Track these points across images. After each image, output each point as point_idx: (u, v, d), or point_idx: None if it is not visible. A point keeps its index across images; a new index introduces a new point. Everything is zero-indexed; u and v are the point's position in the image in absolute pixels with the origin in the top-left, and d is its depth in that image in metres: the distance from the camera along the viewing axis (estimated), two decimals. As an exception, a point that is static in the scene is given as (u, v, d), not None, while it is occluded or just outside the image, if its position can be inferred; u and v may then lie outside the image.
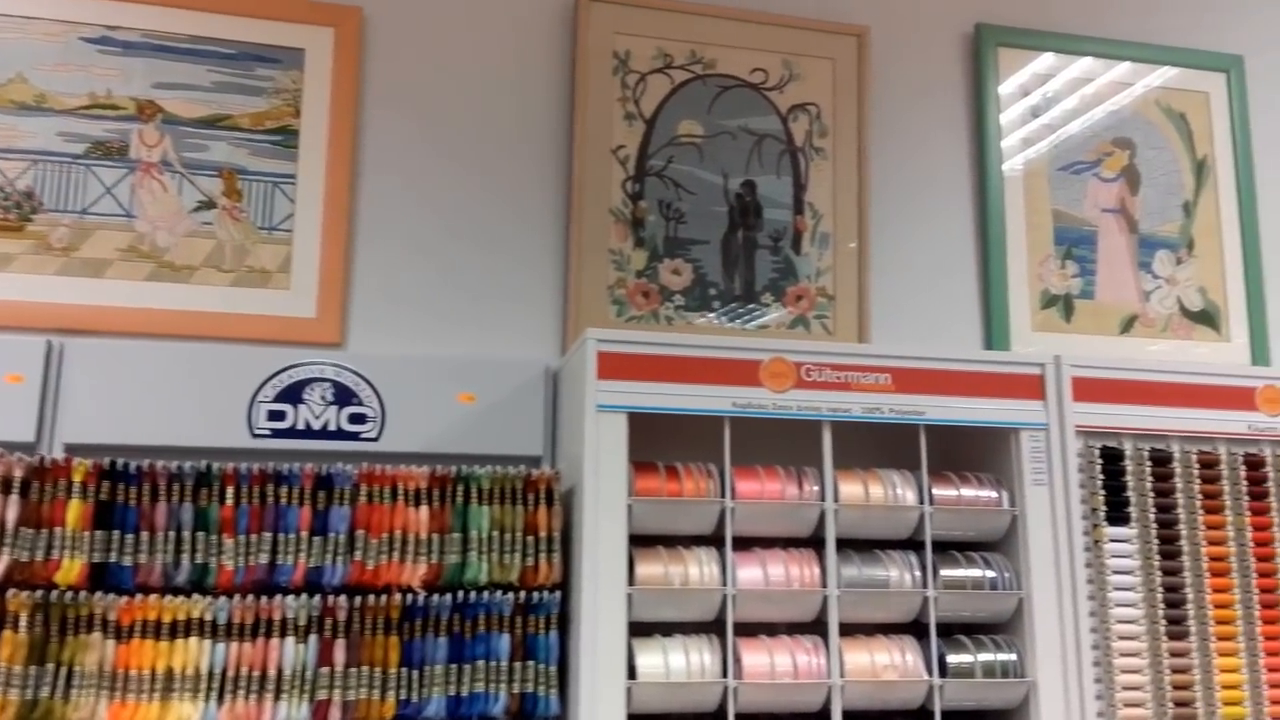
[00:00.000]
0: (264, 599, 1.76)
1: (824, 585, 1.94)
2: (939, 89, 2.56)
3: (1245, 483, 2.13)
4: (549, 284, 2.28)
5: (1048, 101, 2.60)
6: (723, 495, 1.94)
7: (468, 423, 2.10)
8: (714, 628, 1.90)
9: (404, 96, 2.28)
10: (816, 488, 1.98)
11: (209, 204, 2.15)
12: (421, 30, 2.32)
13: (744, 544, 1.96)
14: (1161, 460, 2.11)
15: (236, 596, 1.75)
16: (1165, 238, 2.61)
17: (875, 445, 2.06)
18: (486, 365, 2.14)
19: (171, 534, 1.75)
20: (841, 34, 2.49)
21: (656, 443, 1.96)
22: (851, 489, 2.00)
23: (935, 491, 2.03)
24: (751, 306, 2.34)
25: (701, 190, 2.36)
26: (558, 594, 1.87)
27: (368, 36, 2.28)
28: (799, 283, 2.37)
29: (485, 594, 1.84)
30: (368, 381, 2.06)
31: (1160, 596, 2.04)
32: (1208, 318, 2.59)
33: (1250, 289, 2.61)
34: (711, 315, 2.32)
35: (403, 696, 1.79)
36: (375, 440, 2.05)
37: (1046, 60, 2.61)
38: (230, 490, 1.78)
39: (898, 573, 1.98)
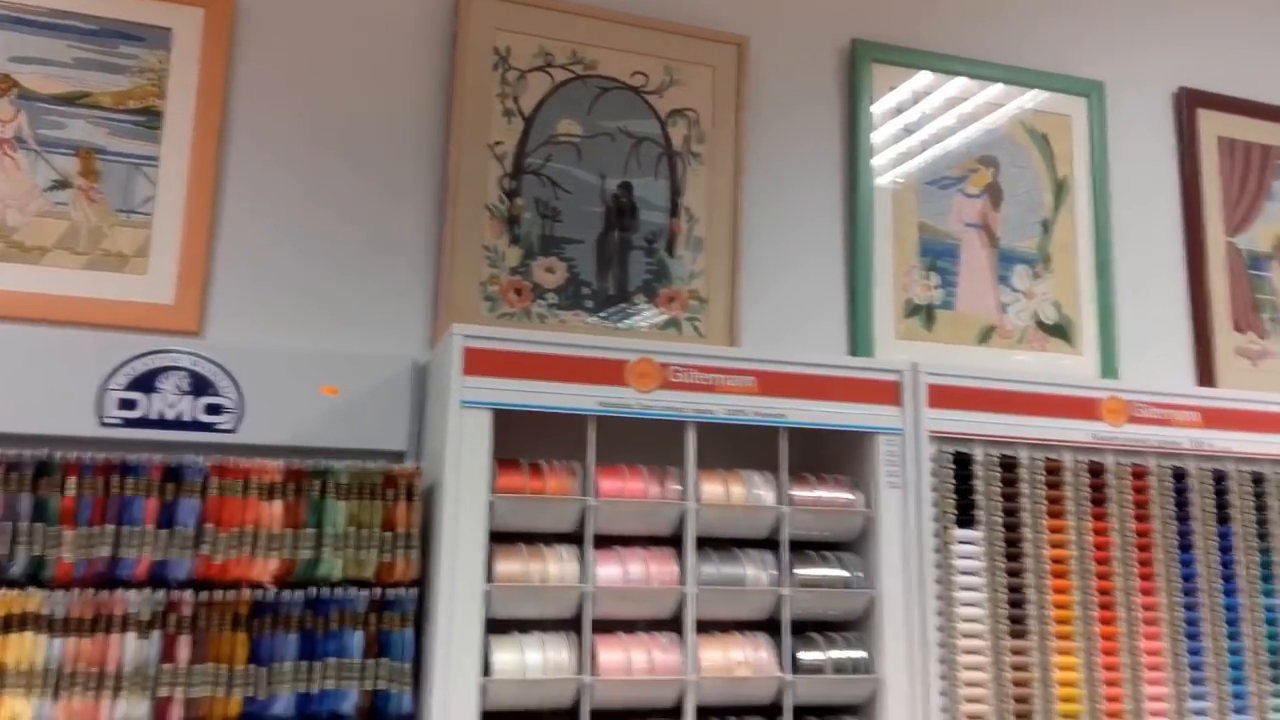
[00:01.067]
0: (105, 593, 1.70)
1: (682, 583, 1.97)
2: (815, 101, 2.62)
3: (1087, 489, 2.23)
4: (421, 278, 2.26)
5: (918, 117, 2.68)
6: (585, 494, 1.95)
7: (331, 416, 2.07)
8: (574, 625, 1.91)
9: (276, 83, 2.24)
10: (679, 487, 2.01)
11: (64, 184, 2.08)
12: (297, 16, 2.28)
13: (606, 542, 1.98)
14: (1009, 466, 2.19)
15: (76, 590, 1.69)
16: (1024, 253, 2.71)
17: (740, 447, 2.10)
18: (352, 358, 2.11)
19: (8, 524, 1.68)
20: (722, 42, 2.52)
21: (523, 440, 1.96)
22: (713, 489, 2.03)
23: (794, 493, 2.08)
24: (624, 307, 2.36)
25: (578, 190, 2.37)
26: (414, 591, 1.86)
27: (240, 19, 2.23)
28: (672, 285, 2.40)
29: (338, 590, 1.81)
30: (226, 372, 2.02)
31: (1004, 597, 2.12)
32: (1061, 331, 2.70)
33: (1102, 305, 2.73)
34: (584, 314, 2.33)
35: (249, 694, 1.75)
36: (233, 432, 2.00)
37: (919, 78, 2.70)
38: (72, 480, 1.72)
39: (754, 571, 2.02)
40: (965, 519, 2.14)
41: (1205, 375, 2.80)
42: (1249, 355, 2.87)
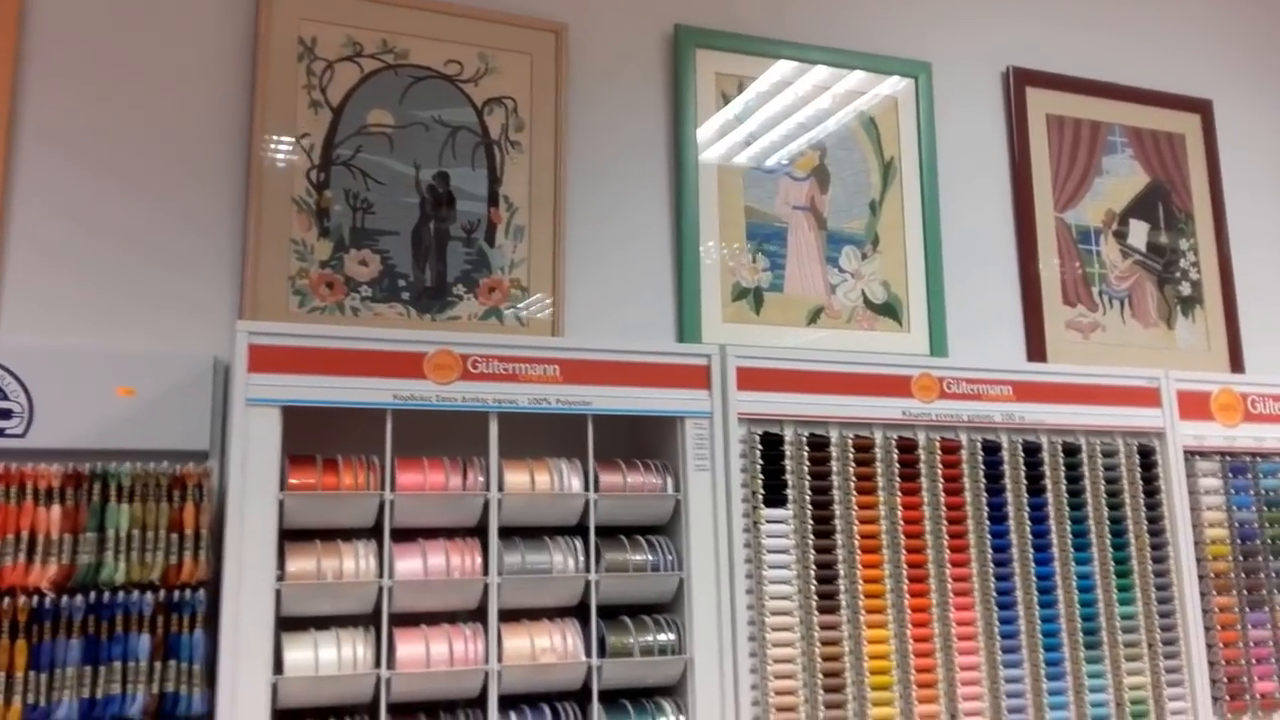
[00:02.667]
0: None
1: (486, 573, 1.97)
2: (638, 88, 2.63)
3: (898, 465, 2.27)
4: (227, 275, 2.22)
5: (743, 102, 2.69)
6: (382, 488, 1.94)
7: (128, 418, 2.03)
8: (376, 620, 1.90)
9: (69, 71, 2.18)
10: (483, 478, 2.01)
11: None
12: (91, 3, 2.22)
13: (411, 536, 1.98)
14: (819, 445, 2.22)
15: None
16: (852, 234, 2.75)
17: (555, 436, 2.10)
18: (151, 358, 2.07)
19: None
20: (539, 30, 2.52)
21: (328, 437, 1.95)
22: (517, 478, 2.03)
23: (602, 479, 2.09)
24: (444, 299, 2.35)
25: (392, 181, 2.35)
26: (200, 592, 1.83)
27: (29, 5, 2.17)
28: (492, 275, 2.40)
29: (122, 594, 1.79)
30: (13, 374, 1.97)
31: (814, 574, 2.15)
32: (890, 310, 2.74)
33: (930, 283, 2.78)
34: (400, 307, 2.31)
35: (30, 701, 1.72)
36: (21, 436, 1.95)
37: (744, 62, 2.71)
38: None
39: (562, 558, 2.03)
40: (775, 499, 2.17)
41: (1036, 350, 2.87)
42: (1080, 328, 2.94)
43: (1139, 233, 3.08)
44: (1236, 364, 3.08)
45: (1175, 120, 3.20)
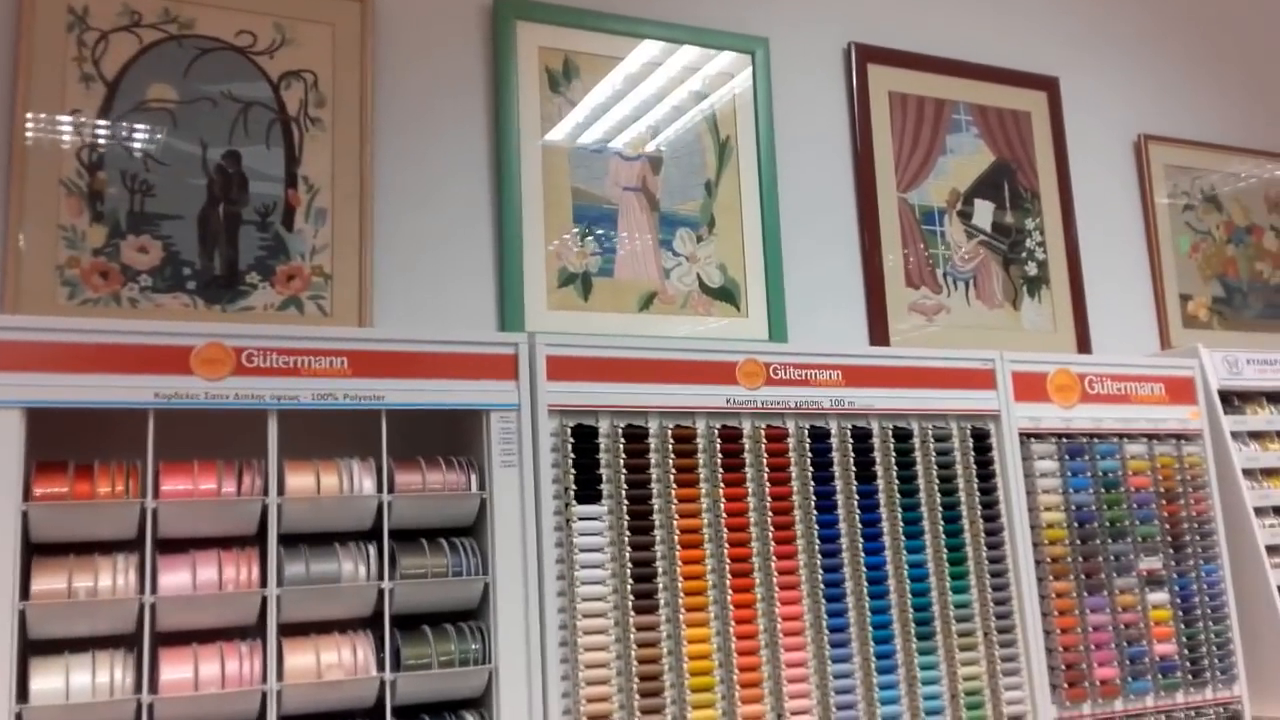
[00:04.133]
0: None
1: (264, 585, 1.81)
2: (455, 62, 2.48)
3: (721, 455, 2.17)
4: (-14, 264, 2.02)
5: (569, 78, 2.57)
6: (143, 495, 1.77)
7: None
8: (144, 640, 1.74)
9: None
10: (262, 481, 1.85)
11: None
12: None
13: (182, 546, 1.81)
14: (636, 437, 2.11)
15: None
16: (686, 216, 2.64)
17: (349, 434, 1.95)
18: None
19: None
20: (342, -1, 2.35)
21: (86, 443, 1.77)
22: (301, 481, 1.88)
23: (399, 478, 1.95)
24: (235, 288, 2.18)
25: (175, 161, 2.17)
26: (-68, 617, 1.64)
27: None
28: (291, 261, 2.23)
29: None
30: None
31: (630, 572, 2.04)
32: (727, 294, 2.65)
33: (769, 266, 2.69)
34: (185, 297, 2.14)
35: None
36: None
37: (569, 36, 2.58)
38: None
39: (352, 566, 1.88)
40: (588, 494, 2.05)
41: (879, 333, 2.80)
42: (923, 310, 2.89)
43: (984, 212, 3.04)
44: (1084, 344, 3.07)
45: (1021, 98, 3.16)
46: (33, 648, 1.69)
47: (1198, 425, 2.68)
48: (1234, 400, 2.80)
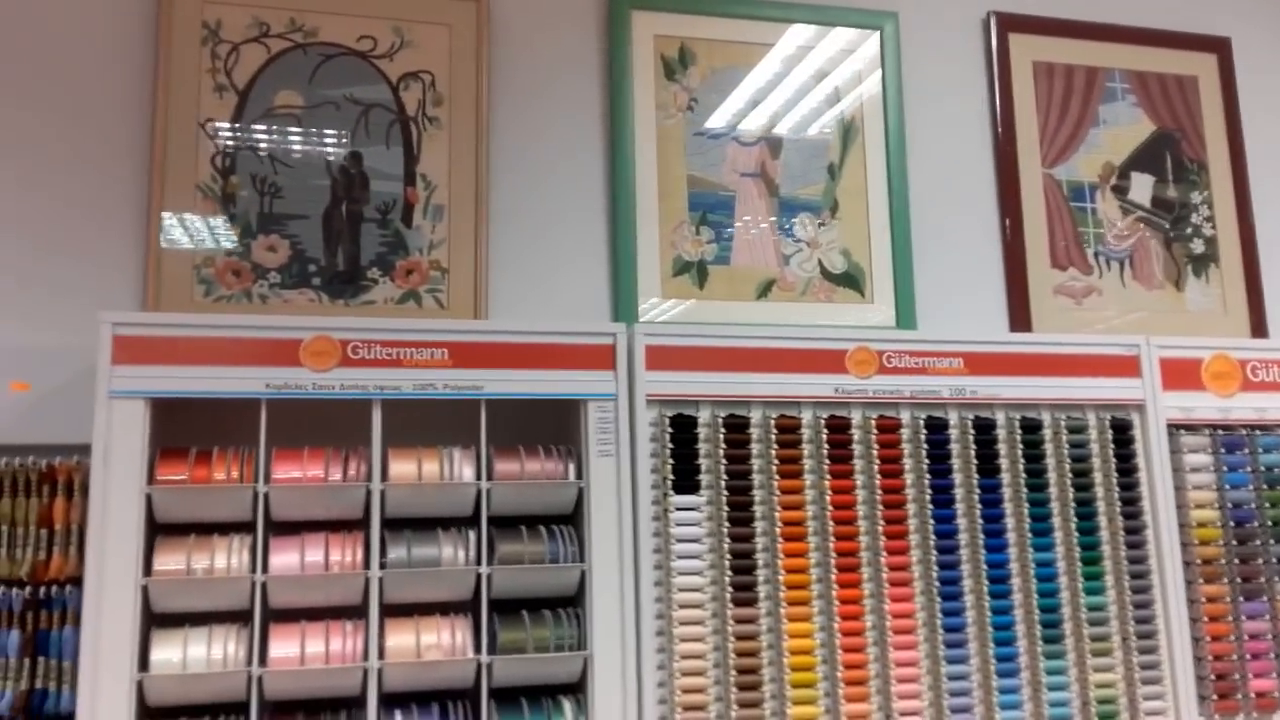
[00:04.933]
0: None
1: (367, 567, 1.89)
2: (569, 55, 2.51)
3: (827, 446, 2.11)
4: (133, 265, 2.19)
5: (686, 65, 2.55)
6: (256, 480, 1.88)
7: (24, 412, 2.01)
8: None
9: (-28, 72, 2.18)
10: (367, 467, 1.93)
11: None
12: (-5, 2, 2.21)
13: (294, 529, 1.91)
14: (738, 427, 2.08)
15: None
16: (807, 200, 2.58)
17: (451, 422, 2.01)
18: (43, 352, 2.05)
19: None
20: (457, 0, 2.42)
21: (208, 430, 1.90)
22: (404, 468, 1.95)
23: (498, 466, 1.99)
24: (358, 283, 2.28)
25: (301, 163, 2.28)
26: (69, 589, 1.80)
27: (-70, 9, 2.17)
28: (410, 256, 2.31)
29: (-13, 591, 1.77)
30: (-97, 373, 1.97)
31: (729, 563, 2.02)
32: (851, 280, 2.57)
33: (897, 251, 2.59)
34: (311, 292, 2.25)
35: (-108, 699, 1.71)
36: (-87, 434, 1.96)
37: (685, 22, 2.56)
38: None
39: (451, 551, 1.94)
40: (686, 484, 2.04)
41: (1020, 319, 2.65)
42: (1071, 293, 2.71)
43: (1143, 186, 2.82)
44: (1259, 328, 2.81)
45: (1186, 61, 2.92)
46: (155, 621, 1.82)
47: (1386, 416, 2.41)
48: None
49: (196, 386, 1.86)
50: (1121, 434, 2.26)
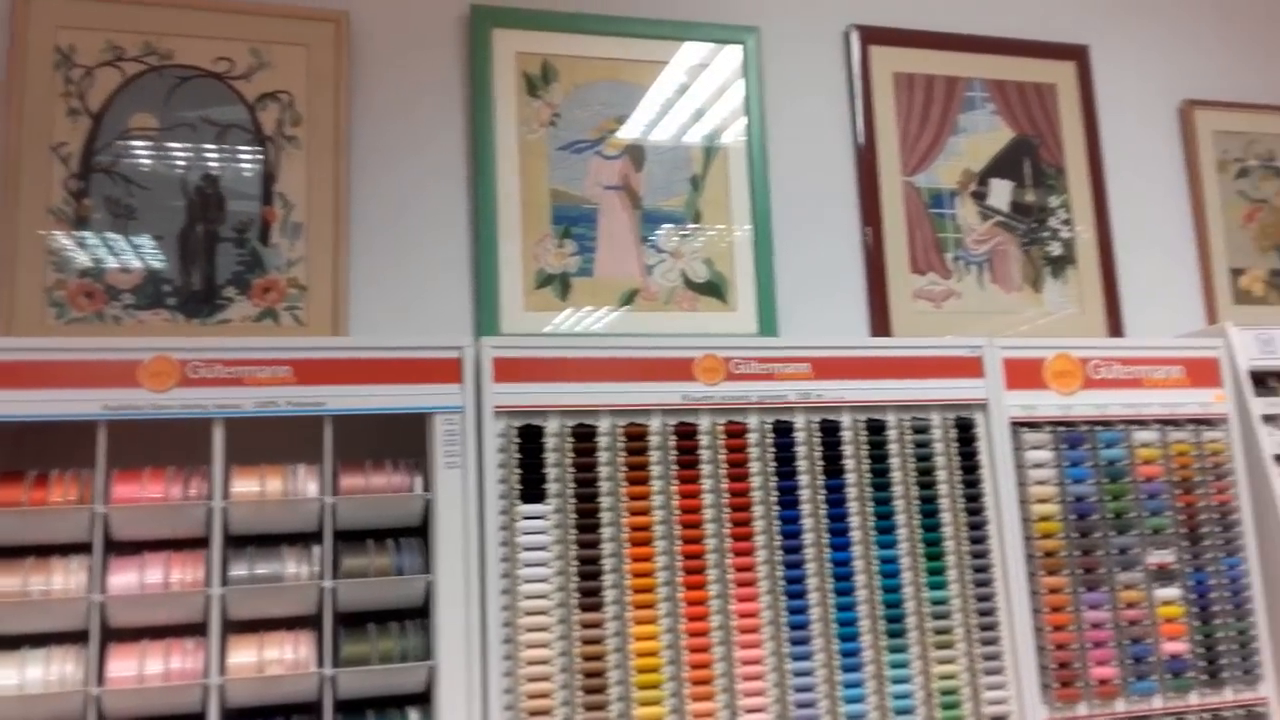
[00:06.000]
0: None
1: (208, 585, 1.92)
2: (430, 73, 2.55)
3: (675, 452, 2.17)
4: (-16, 290, 2.20)
5: (548, 81, 2.60)
6: (93, 501, 1.90)
7: None
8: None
9: None
10: (209, 486, 1.96)
11: None
12: None
13: (135, 549, 1.93)
14: (585, 436, 2.13)
15: None
16: (670, 211, 2.64)
17: (306, 439, 2.03)
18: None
19: None
20: (316, 20, 2.45)
21: (47, 455, 1.92)
22: (247, 485, 1.98)
23: (344, 481, 2.03)
24: (213, 302, 2.30)
25: (156, 185, 2.30)
26: (-97, 614, 1.81)
27: None
28: (267, 274, 2.34)
29: None
30: None
31: (575, 570, 2.06)
32: (714, 289, 2.63)
33: (759, 259, 2.65)
34: (166, 313, 2.27)
35: None
36: None
37: (548, 40, 2.61)
38: None
39: (295, 567, 1.97)
40: (534, 494, 2.08)
41: (880, 323, 2.73)
42: (931, 297, 2.79)
43: (1001, 192, 2.91)
44: (1115, 327, 2.91)
45: (1045, 70, 3.02)
46: (-5, 644, 1.83)
47: (1223, 409, 2.50)
48: (1269, 382, 2.60)
49: (34, 410, 1.88)
50: (965, 433, 2.33)
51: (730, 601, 2.13)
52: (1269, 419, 2.54)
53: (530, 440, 2.10)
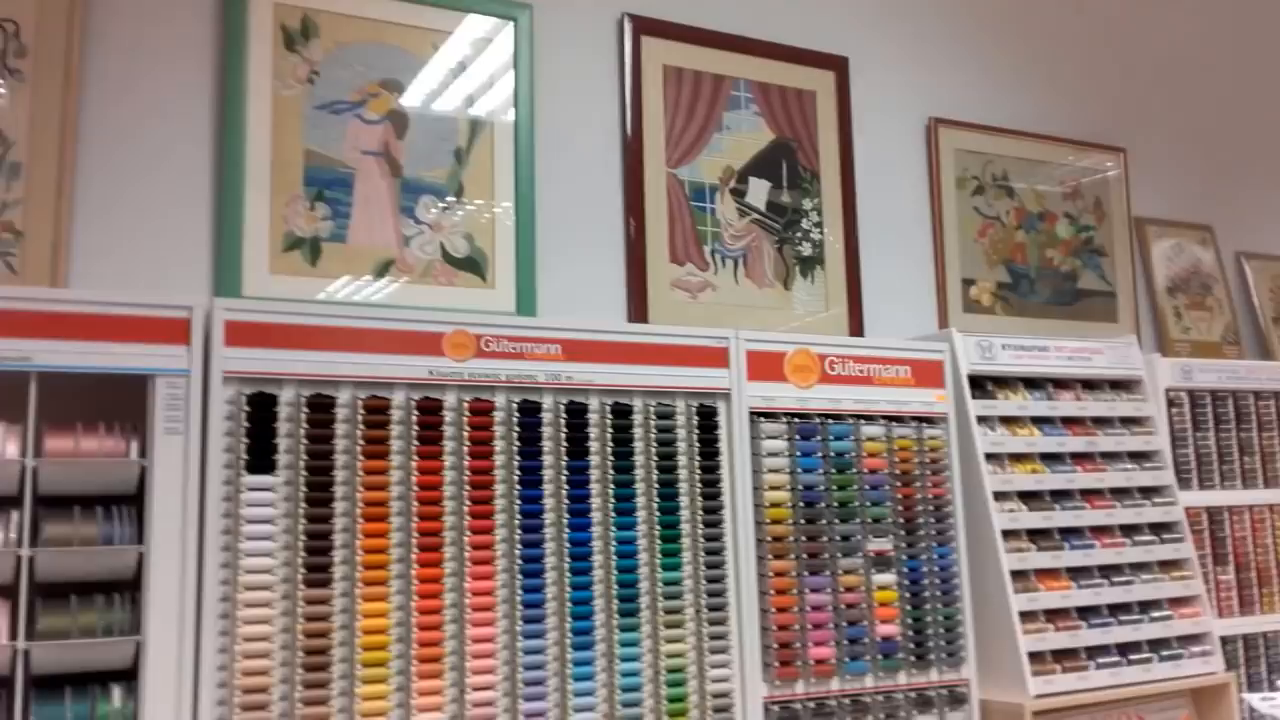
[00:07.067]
0: None
1: (-119, 551, 1.74)
2: (178, 12, 2.39)
3: (418, 428, 2.13)
4: None
5: (308, 37, 2.49)
6: None
7: None
8: None
9: None
10: (-110, 443, 1.78)
11: None
12: None
13: None
14: (323, 407, 2.06)
15: None
16: (432, 183, 2.59)
17: (8, 397, 1.87)
18: None
19: None
20: (50, -56, 2.25)
21: None
22: (-65, 444, 1.80)
23: (50, 443, 1.88)
24: (-89, 241, 2.09)
25: None
26: None
27: None
28: (-22, 216, 2.14)
29: None
30: None
31: (303, 544, 2.00)
32: (474, 264, 2.60)
33: (521, 238, 2.64)
34: None
35: None
36: None
37: (311, -7, 2.51)
38: None
39: (-9, 533, 1.81)
40: (262, 464, 2.00)
41: (638, 310, 2.77)
42: (687, 287, 2.86)
43: (759, 191, 3.02)
44: (856, 327, 3.07)
45: (807, 76, 3.14)
46: None
47: (944, 408, 2.69)
48: (988, 385, 2.82)
49: None
50: (707, 420, 2.41)
51: (465, 580, 2.11)
52: (983, 420, 2.75)
53: (262, 409, 2.01)
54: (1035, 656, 2.59)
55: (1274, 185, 4.13)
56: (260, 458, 2.00)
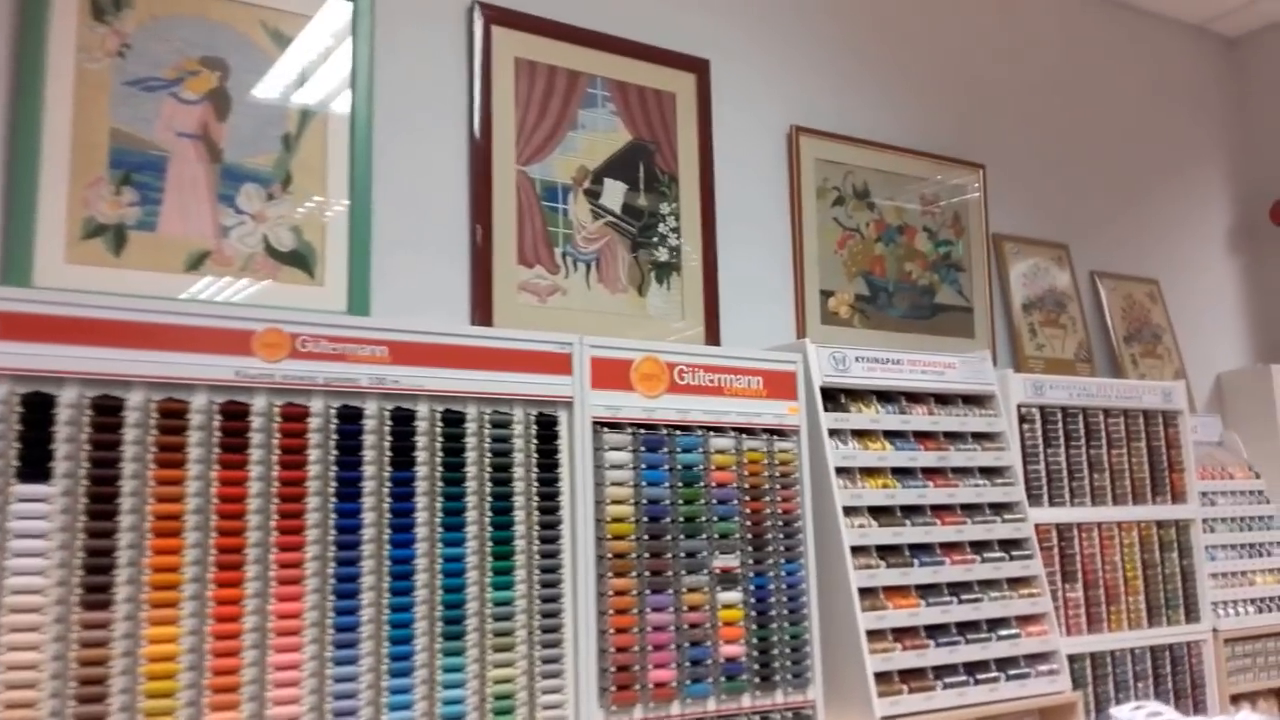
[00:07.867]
0: None
1: None
2: (-32, -28, 2.16)
3: (220, 434, 1.94)
4: None
5: (119, 8, 2.28)
6: None
7: None
8: None
9: None
10: None
11: None
12: None
13: None
14: (110, 410, 1.86)
15: None
16: (256, 170, 2.40)
17: None
18: None
19: None
20: None
21: None
22: None
23: None
24: None
25: None
26: None
27: None
28: None
29: None
30: None
31: (81, 562, 1.79)
32: (300, 259, 2.42)
33: (355, 233, 2.47)
34: None
35: None
36: None
37: (124, -41, 2.30)
38: None
39: None
40: (36, 473, 1.79)
41: (482, 313, 2.63)
42: (536, 291, 2.73)
43: (614, 193, 2.90)
44: (712, 334, 2.98)
45: (667, 78, 3.05)
46: None
47: (795, 421, 2.61)
48: (841, 398, 2.75)
49: None
50: (547, 429, 2.27)
51: (269, 601, 1.93)
52: (835, 433, 2.68)
53: (37, 411, 1.80)
54: (882, 677, 2.53)
55: (1128, 206, 4.22)
56: (34, 465, 1.79)
